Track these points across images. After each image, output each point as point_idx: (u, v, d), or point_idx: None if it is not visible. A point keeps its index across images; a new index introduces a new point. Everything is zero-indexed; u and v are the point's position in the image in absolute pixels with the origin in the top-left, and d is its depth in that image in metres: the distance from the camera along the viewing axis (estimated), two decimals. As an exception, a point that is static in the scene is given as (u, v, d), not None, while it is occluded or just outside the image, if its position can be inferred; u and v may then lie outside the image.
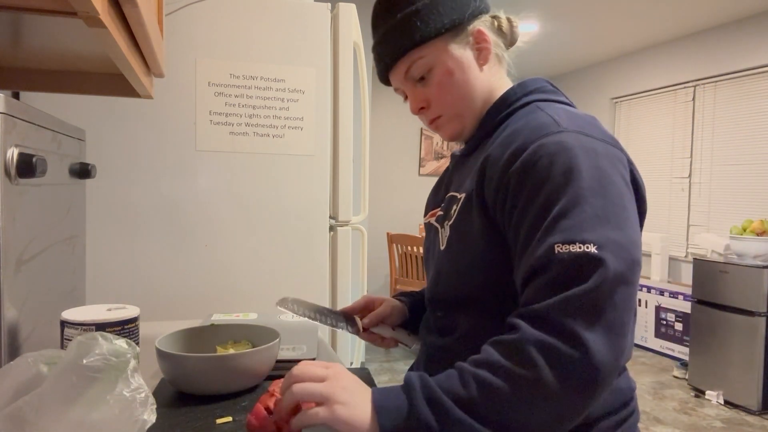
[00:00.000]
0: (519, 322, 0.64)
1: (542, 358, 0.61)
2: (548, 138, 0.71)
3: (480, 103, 0.87)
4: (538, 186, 0.69)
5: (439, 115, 0.88)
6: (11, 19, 0.68)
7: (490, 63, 0.87)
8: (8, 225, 0.70)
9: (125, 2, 0.62)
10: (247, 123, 1.50)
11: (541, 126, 0.74)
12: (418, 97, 0.88)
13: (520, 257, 0.70)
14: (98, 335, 0.62)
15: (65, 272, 0.99)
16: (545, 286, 0.64)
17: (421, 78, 0.86)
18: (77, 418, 0.55)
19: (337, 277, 1.64)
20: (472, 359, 0.65)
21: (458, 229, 0.81)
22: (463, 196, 0.82)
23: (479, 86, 0.86)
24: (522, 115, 0.80)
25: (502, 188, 0.73)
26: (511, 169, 0.72)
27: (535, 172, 0.70)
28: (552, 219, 0.66)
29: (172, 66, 1.44)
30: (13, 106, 0.71)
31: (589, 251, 0.63)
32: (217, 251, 1.48)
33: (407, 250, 4.26)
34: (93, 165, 1.09)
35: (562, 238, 0.64)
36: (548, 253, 0.65)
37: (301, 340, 1.07)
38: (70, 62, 0.98)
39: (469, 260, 0.79)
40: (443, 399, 0.61)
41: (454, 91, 0.85)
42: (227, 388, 0.84)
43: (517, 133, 0.76)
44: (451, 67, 0.84)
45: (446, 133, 0.90)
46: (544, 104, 0.81)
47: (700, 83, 4.39)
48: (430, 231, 0.93)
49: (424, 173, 6.11)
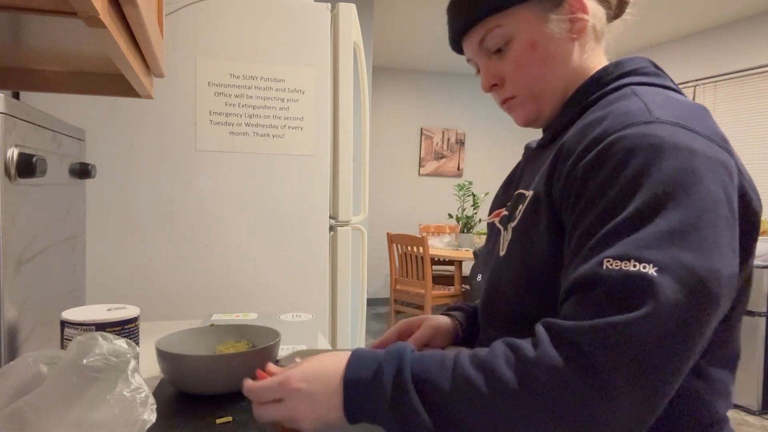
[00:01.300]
0: (543, 335, 0.55)
1: (551, 391, 0.51)
2: (633, 129, 0.58)
3: (564, 85, 0.73)
4: (605, 185, 0.57)
5: (513, 95, 0.75)
6: (11, 19, 0.68)
7: (584, 38, 0.72)
8: (8, 225, 0.70)
9: (125, 2, 0.62)
10: (247, 123, 1.50)
11: (628, 113, 0.61)
12: (490, 72, 0.75)
13: (568, 264, 0.59)
14: (98, 335, 0.62)
15: (65, 272, 0.99)
16: (583, 305, 0.54)
17: (497, 50, 0.73)
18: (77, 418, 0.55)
19: (337, 277, 1.64)
20: (476, 357, 0.57)
21: (522, 232, 0.69)
22: (530, 194, 0.70)
23: (566, 65, 0.72)
24: (611, 101, 0.67)
25: (569, 184, 0.62)
26: (581, 163, 0.61)
27: (606, 168, 0.58)
28: (612, 228, 0.55)
29: (172, 66, 1.44)
30: (13, 106, 0.71)
31: (644, 272, 0.51)
32: (217, 251, 1.48)
33: (407, 250, 4.26)
34: (93, 165, 1.09)
35: (617, 251, 0.53)
36: (596, 266, 0.54)
37: (301, 340, 1.07)
38: (70, 62, 0.98)
39: (532, 269, 0.66)
40: (409, 386, 0.56)
41: (533, 69, 0.72)
42: (227, 388, 0.84)
43: (598, 121, 0.63)
44: (534, 40, 0.71)
45: (519, 117, 0.78)
46: (641, 88, 0.67)
47: (700, 83, 4.40)
48: (492, 233, 0.82)
49: (424, 173, 6.11)
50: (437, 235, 5.36)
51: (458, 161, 6.22)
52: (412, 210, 6.09)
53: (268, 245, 1.53)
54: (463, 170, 6.23)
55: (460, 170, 6.22)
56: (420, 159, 6.08)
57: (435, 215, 6.10)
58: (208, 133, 1.47)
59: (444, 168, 6.17)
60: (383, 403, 0.57)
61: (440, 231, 5.49)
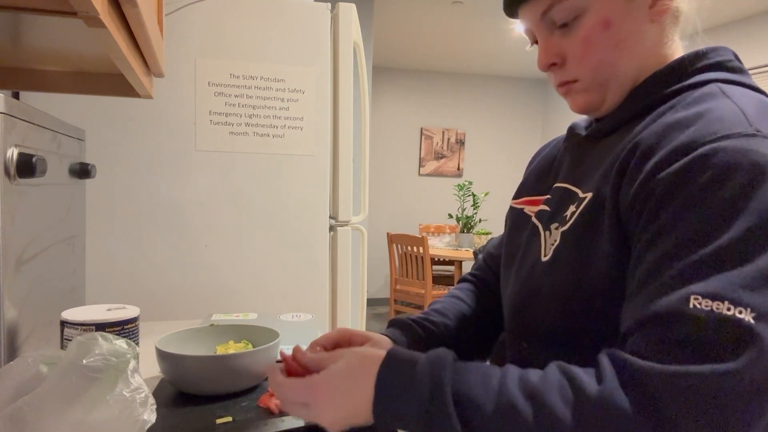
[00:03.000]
0: (608, 370, 0.48)
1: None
2: (731, 141, 0.50)
3: (635, 74, 0.64)
4: (694, 204, 0.49)
5: (575, 78, 0.65)
6: (11, 19, 0.68)
7: (664, 20, 0.63)
8: (8, 225, 0.70)
9: (125, 2, 0.62)
10: (247, 123, 1.50)
11: (722, 120, 0.52)
12: (551, 49, 0.65)
13: (637, 291, 0.51)
14: (98, 335, 0.62)
15: (65, 272, 0.99)
16: (660, 344, 0.47)
17: (563, 24, 0.63)
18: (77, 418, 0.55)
19: (337, 277, 1.64)
20: (526, 382, 0.50)
21: (576, 240, 0.61)
22: (588, 196, 0.61)
23: (640, 50, 0.63)
24: (696, 99, 0.57)
25: (644, 194, 0.53)
26: (663, 173, 0.52)
27: (695, 184, 0.49)
28: (701, 257, 0.47)
29: (172, 66, 1.44)
30: (13, 106, 0.71)
31: (740, 318, 0.44)
32: (217, 251, 1.48)
33: (407, 250, 4.26)
34: (93, 165, 1.09)
35: (707, 288, 0.46)
36: (680, 302, 0.47)
37: (301, 340, 1.07)
38: (70, 62, 0.98)
39: (586, 285, 0.58)
40: (447, 398, 0.50)
41: (603, 52, 0.62)
42: (227, 388, 0.84)
43: (684, 123, 0.54)
44: (609, 18, 0.61)
45: (577, 104, 0.68)
46: (731, 89, 0.58)
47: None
48: (525, 225, 0.73)
49: (424, 173, 6.11)
50: (437, 235, 5.36)
51: (458, 161, 6.22)
52: (412, 210, 6.09)
53: (268, 245, 1.53)
54: (463, 170, 6.23)
55: (460, 170, 6.22)
56: (420, 159, 6.08)
57: (435, 215, 6.10)
58: (208, 133, 1.47)
59: (444, 168, 6.17)
60: (417, 410, 0.52)
61: (440, 231, 5.49)
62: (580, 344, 0.60)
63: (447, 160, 6.18)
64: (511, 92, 6.27)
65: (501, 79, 6.24)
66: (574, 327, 0.60)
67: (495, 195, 6.08)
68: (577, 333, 0.59)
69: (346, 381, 0.56)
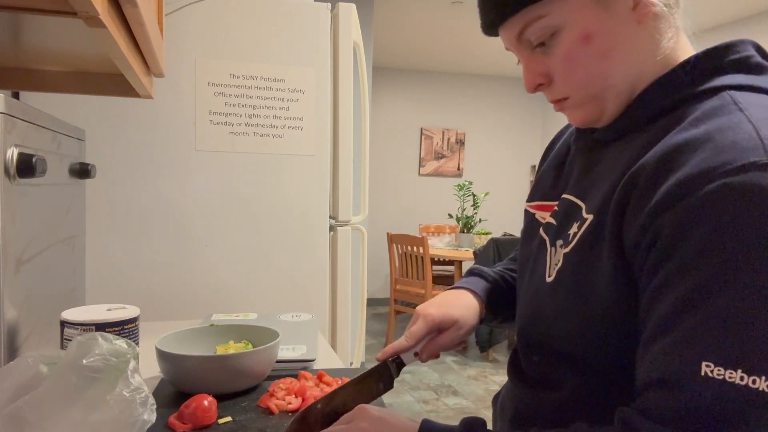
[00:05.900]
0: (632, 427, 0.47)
1: None
2: (743, 177, 0.44)
3: (632, 81, 0.59)
4: (702, 254, 0.45)
5: (566, 96, 0.61)
6: (11, 19, 0.68)
7: (654, 18, 0.57)
8: (8, 225, 0.70)
9: (125, 2, 0.62)
10: (247, 123, 1.50)
11: (735, 147, 0.46)
12: (534, 69, 0.61)
13: (652, 339, 0.49)
14: (98, 335, 0.62)
15: (65, 272, 0.99)
16: (669, 408, 0.45)
17: (540, 43, 0.59)
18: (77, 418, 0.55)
19: (337, 277, 1.64)
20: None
21: (577, 263, 0.59)
22: (590, 218, 0.58)
23: (633, 55, 0.58)
24: (706, 113, 0.52)
25: (650, 233, 0.49)
26: (669, 212, 0.48)
27: (704, 227, 0.45)
28: (712, 312, 0.44)
29: (172, 66, 1.44)
30: (13, 106, 0.71)
31: (756, 389, 0.42)
32: (217, 251, 1.48)
33: (407, 250, 4.26)
34: (93, 165, 1.09)
35: (719, 356, 0.43)
36: (689, 368, 0.44)
37: (301, 340, 1.07)
38: (70, 62, 0.98)
39: (588, 311, 0.57)
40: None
41: (590, 65, 0.58)
42: (227, 388, 0.84)
43: (691, 147, 0.49)
44: (588, 32, 0.56)
45: (575, 119, 0.64)
46: (744, 97, 0.51)
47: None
48: (535, 233, 0.71)
49: (424, 173, 6.11)
50: (437, 235, 5.36)
51: (458, 161, 6.22)
52: (412, 210, 6.09)
53: (268, 245, 1.53)
54: (463, 170, 6.23)
55: (460, 170, 6.22)
56: (420, 159, 6.08)
57: (435, 215, 6.10)
58: (208, 133, 1.47)
59: (444, 168, 6.17)
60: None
61: (440, 231, 5.49)
62: (588, 361, 0.59)
63: (447, 160, 6.18)
64: (511, 92, 6.27)
65: (501, 79, 6.24)
66: (578, 347, 0.59)
67: (495, 195, 6.08)
68: (582, 351, 0.59)
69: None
